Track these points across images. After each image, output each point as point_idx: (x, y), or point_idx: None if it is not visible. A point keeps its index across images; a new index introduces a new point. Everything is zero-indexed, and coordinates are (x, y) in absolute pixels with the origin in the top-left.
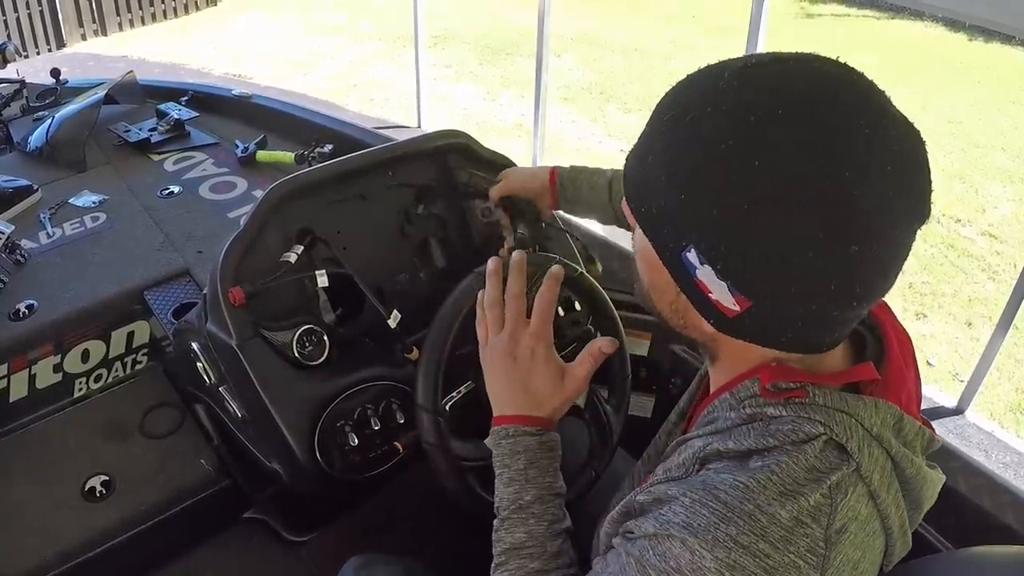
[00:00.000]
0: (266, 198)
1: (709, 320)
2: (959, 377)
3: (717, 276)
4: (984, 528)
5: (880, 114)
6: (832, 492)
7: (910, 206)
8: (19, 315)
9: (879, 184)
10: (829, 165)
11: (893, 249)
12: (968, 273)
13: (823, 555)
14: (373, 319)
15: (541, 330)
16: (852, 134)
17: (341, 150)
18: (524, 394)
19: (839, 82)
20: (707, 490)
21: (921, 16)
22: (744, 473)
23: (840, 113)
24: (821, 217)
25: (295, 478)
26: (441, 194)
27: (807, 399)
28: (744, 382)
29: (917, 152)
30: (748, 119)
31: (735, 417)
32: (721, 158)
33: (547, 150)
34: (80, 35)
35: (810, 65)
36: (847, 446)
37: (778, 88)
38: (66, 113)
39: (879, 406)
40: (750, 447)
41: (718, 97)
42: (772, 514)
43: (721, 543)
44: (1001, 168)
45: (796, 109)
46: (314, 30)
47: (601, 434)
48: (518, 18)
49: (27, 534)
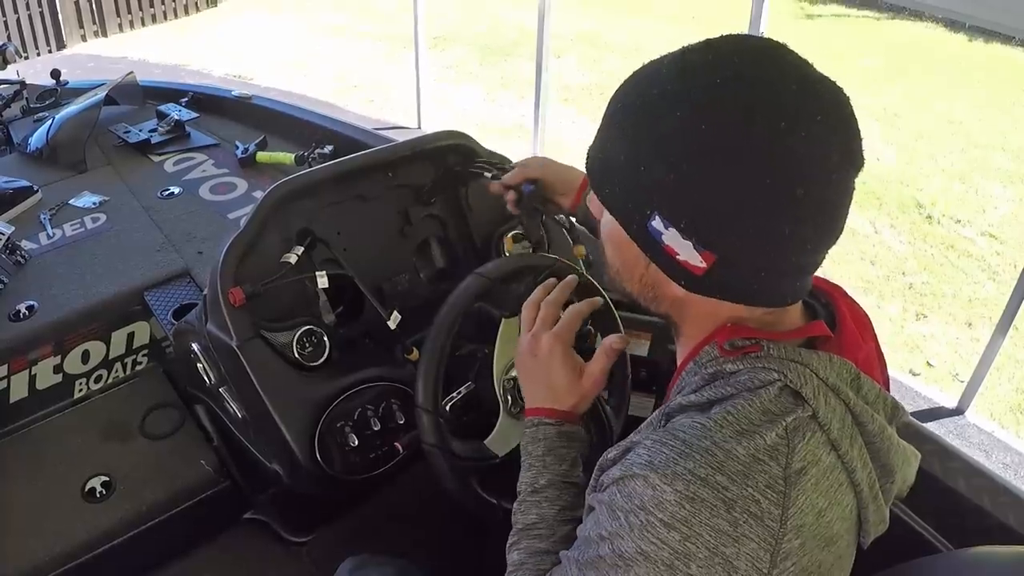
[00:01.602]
0: (266, 199)
1: (679, 282)
2: (959, 377)
3: (682, 236)
4: (984, 528)
5: (804, 75)
6: (788, 433)
7: (844, 153)
8: (19, 316)
9: (811, 132)
10: (763, 119)
11: (836, 194)
12: (968, 273)
13: (782, 492)
14: (373, 320)
15: (562, 333)
16: (781, 91)
17: (341, 151)
18: (546, 389)
19: (765, 52)
20: (668, 432)
21: (921, 16)
22: (703, 416)
23: (770, 75)
24: (763, 165)
25: (295, 478)
26: (441, 195)
27: (762, 352)
28: (705, 348)
29: (843, 105)
30: (689, 91)
31: (698, 379)
32: (670, 128)
33: (547, 151)
34: (80, 36)
35: (740, 42)
36: (802, 391)
37: (713, 63)
38: (66, 114)
39: (833, 360)
40: (711, 397)
41: (662, 80)
42: (728, 450)
43: (680, 476)
44: (1001, 168)
45: (731, 76)
46: (314, 31)
47: (601, 434)
48: (518, 18)
49: (27, 534)
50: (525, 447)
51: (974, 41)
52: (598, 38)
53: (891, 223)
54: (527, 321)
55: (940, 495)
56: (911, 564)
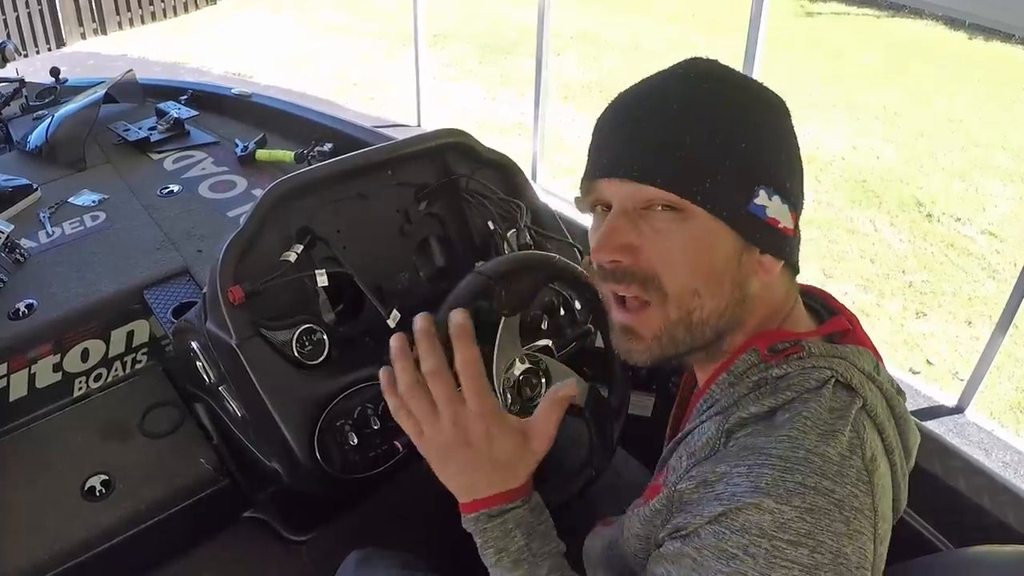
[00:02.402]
0: (266, 197)
1: (780, 253)
2: (959, 376)
3: (782, 201)
4: (984, 528)
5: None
6: (856, 426)
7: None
8: (19, 314)
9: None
10: (771, 96)
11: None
12: (968, 272)
13: (868, 482)
14: (373, 318)
15: (485, 404)
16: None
17: (341, 149)
18: (493, 472)
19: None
20: (756, 452)
21: (921, 14)
22: (780, 429)
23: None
24: (789, 127)
25: (295, 477)
26: (441, 193)
27: (804, 353)
28: (740, 357)
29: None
30: (733, 90)
31: (740, 389)
32: (745, 115)
33: (547, 149)
34: (80, 34)
35: (713, 63)
36: (853, 383)
37: (723, 69)
38: (66, 112)
39: (861, 351)
40: (772, 405)
41: (701, 85)
42: (822, 453)
43: (794, 492)
44: (1001, 167)
45: (736, 75)
46: (314, 29)
47: (601, 434)
48: (518, 17)
49: (27, 534)
50: (495, 544)
51: (974, 39)
52: (598, 36)
53: (891, 221)
54: (421, 408)
55: (940, 494)
56: (911, 563)
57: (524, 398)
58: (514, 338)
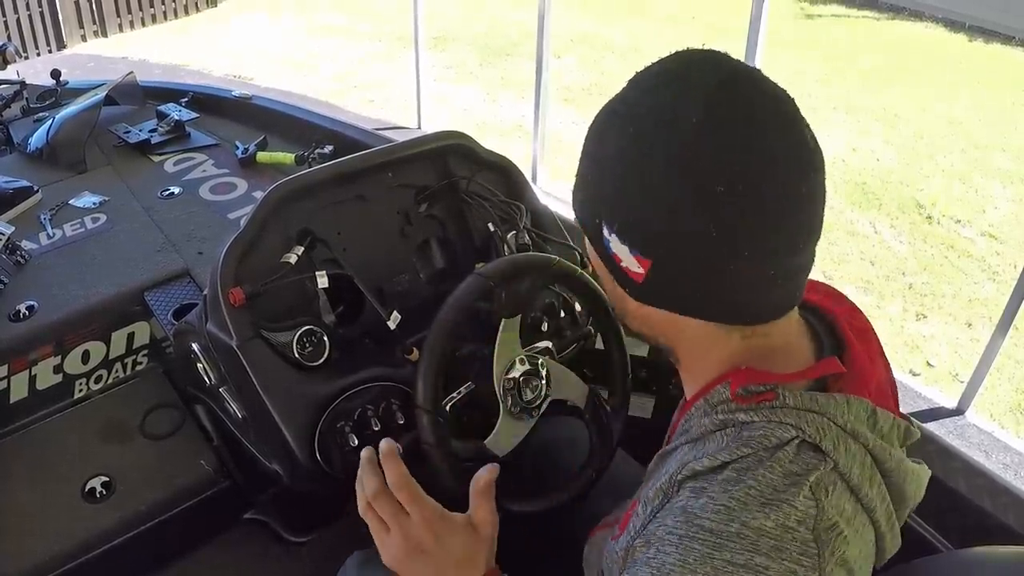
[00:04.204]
0: (266, 199)
1: (627, 291)
2: (959, 378)
3: (620, 241)
4: (984, 528)
5: (731, 77)
6: (815, 492)
7: (785, 153)
8: (19, 316)
9: (735, 132)
10: (679, 119)
11: (775, 195)
12: (968, 274)
13: (816, 554)
14: (373, 320)
15: (424, 510)
16: (699, 92)
17: (341, 151)
18: (454, 569)
19: (697, 59)
20: (690, 522)
21: (921, 16)
22: (724, 494)
23: (692, 78)
24: (678, 164)
25: (295, 479)
26: (441, 195)
27: (777, 402)
28: (716, 387)
29: (783, 103)
30: (624, 98)
31: (708, 423)
32: (610, 137)
33: (547, 151)
34: (80, 36)
35: (680, 55)
36: (822, 445)
37: (650, 72)
38: (66, 114)
39: (851, 402)
40: (723, 459)
41: (611, 103)
42: (758, 527)
43: (722, 570)
44: (1001, 169)
45: (659, 83)
46: (314, 31)
47: (601, 434)
48: (518, 18)
49: (27, 534)
50: None
51: (974, 41)
52: (598, 38)
53: (891, 223)
54: (377, 529)
55: (940, 495)
56: (911, 564)
57: (524, 399)
58: (514, 340)
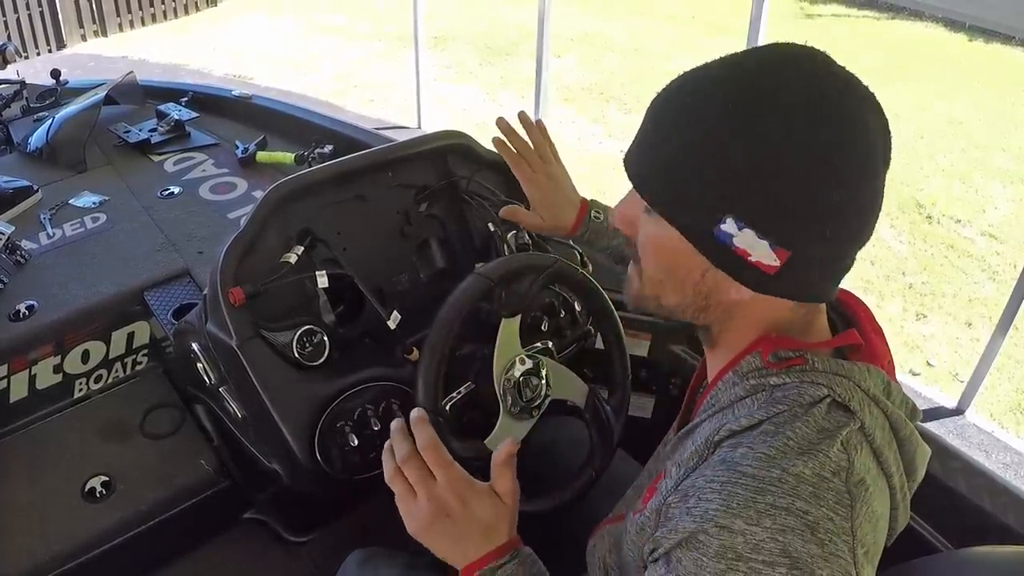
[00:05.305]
0: (266, 199)
1: (748, 284)
2: (959, 377)
3: (757, 236)
4: (984, 528)
5: (849, 78)
6: (846, 447)
7: (885, 150)
8: (19, 316)
9: (868, 128)
10: (828, 117)
11: (880, 189)
12: (968, 273)
13: (849, 506)
14: (373, 320)
15: (450, 473)
16: (838, 91)
17: (341, 151)
18: (479, 535)
19: (809, 56)
20: (731, 468)
21: (921, 16)
22: (760, 445)
23: (825, 78)
24: (832, 162)
25: (295, 478)
26: (441, 195)
27: (807, 365)
28: (746, 358)
29: (880, 106)
30: (749, 94)
31: (739, 391)
32: (739, 129)
33: None
34: (80, 36)
35: (788, 46)
36: (850, 405)
37: (766, 65)
38: (66, 114)
39: (871, 370)
40: (760, 417)
41: (715, 83)
42: (797, 474)
43: (765, 513)
44: (1001, 168)
45: (792, 76)
46: (314, 31)
47: (601, 434)
48: (518, 18)
49: (27, 534)
50: None
51: (974, 41)
52: (598, 38)
53: (891, 223)
54: (403, 494)
55: (940, 495)
56: (911, 564)
57: (524, 399)
58: (514, 339)
